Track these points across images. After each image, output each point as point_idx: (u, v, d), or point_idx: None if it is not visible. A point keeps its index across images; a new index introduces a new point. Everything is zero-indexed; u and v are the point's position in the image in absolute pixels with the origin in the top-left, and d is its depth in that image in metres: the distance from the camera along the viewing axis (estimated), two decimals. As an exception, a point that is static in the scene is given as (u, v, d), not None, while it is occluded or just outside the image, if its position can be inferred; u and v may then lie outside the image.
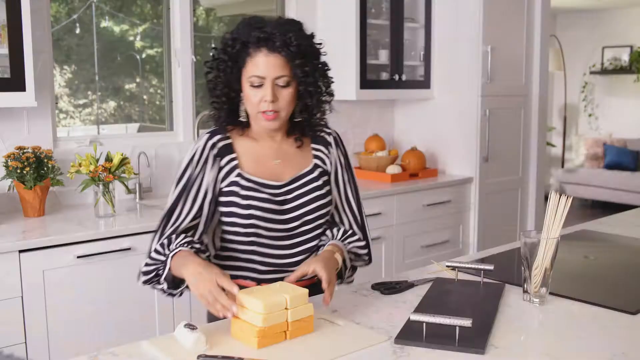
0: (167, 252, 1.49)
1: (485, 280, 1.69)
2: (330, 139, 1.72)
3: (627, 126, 7.84)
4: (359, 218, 1.72)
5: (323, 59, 1.62)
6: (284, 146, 1.67)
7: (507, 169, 3.99)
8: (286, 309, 1.29)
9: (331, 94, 1.65)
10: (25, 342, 2.29)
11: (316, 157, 1.69)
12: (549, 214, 1.51)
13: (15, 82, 2.47)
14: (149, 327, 2.52)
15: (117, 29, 3.39)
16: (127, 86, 3.55)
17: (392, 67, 3.74)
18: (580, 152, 7.90)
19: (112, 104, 3.48)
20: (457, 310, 1.47)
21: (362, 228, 1.71)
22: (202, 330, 1.28)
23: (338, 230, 1.67)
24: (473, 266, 1.68)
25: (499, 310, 1.49)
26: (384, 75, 3.78)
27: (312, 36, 1.59)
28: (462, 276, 1.74)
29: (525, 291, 1.55)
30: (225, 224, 1.59)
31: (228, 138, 1.63)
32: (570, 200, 1.51)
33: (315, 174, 1.65)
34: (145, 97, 3.63)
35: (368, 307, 1.52)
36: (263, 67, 1.51)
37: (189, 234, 1.56)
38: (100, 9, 3.25)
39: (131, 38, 3.47)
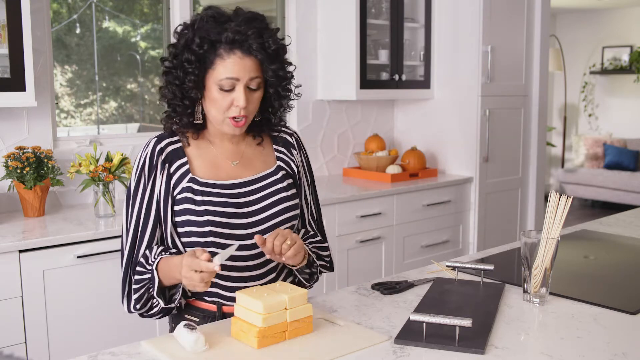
0: (148, 267, 1.42)
1: (485, 280, 1.69)
2: (292, 139, 1.62)
3: (627, 126, 7.84)
4: (319, 223, 1.64)
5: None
6: (242, 147, 1.55)
7: (507, 169, 3.99)
8: (285, 309, 1.29)
9: (297, 95, 1.55)
10: (25, 342, 2.29)
11: (279, 159, 1.58)
12: (549, 214, 1.51)
13: (15, 82, 2.46)
14: (148, 327, 2.52)
15: (117, 29, 3.39)
16: (127, 86, 3.55)
17: (392, 67, 3.74)
18: (580, 152, 7.90)
19: (112, 104, 3.49)
20: (457, 310, 1.47)
21: (323, 234, 1.64)
22: (202, 330, 1.28)
23: (298, 232, 1.58)
24: (473, 266, 1.68)
25: (499, 310, 1.49)
26: (384, 75, 3.78)
27: (278, 32, 1.48)
28: (462, 276, 1.74)
29: (525, 291, 1.55)
30: (182, 235, 1.47)
31: (178, 142, 1.50)
32: (570, 200, 1.51)
33: (279, 175, 1.54)
34: (146, 97, 3.63)
35: (368, 307, 1.52)
36: (237, 69, 1.39)
37: (160, 244, 1.47)
38: (100, 8, 3.25)
39: (133, 40, 3.47)
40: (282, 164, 1.57)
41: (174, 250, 1.47)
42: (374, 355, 1.25)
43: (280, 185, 1.53)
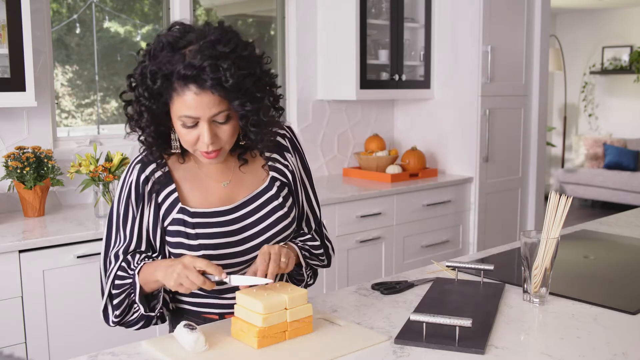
0: (130, 272, 1.35)
1: (485, 280, 1.69)
2: (285, 142, 1.49)
3: (627, 126, 7.84)
4: (320, 221, 1.58)
5: (266, 67, 1.33)
6: (232, 164, 1.44)
7: (507, 169, 3.99)
8: (285, 309, 1.29)
9: (280, 109, 1.39)
10: (25, 342, 2.29)
11: (272, 168, 1.46)
12: (549, 214, 1.51)
13: (15, 82, 2.47)
14: (148, 327, 2.51)
15: (118, 29, 3.38)
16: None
17: (392, 67, 3.74)
18: (580, 152, 7.90)
19: (113, 104, 3.49)
20: (457, 310, 1.47)
21: (320, 231, 1.58)
22: (202, 330, 1.28)
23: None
24: (473, 266, 1.68)
25: (499, 310, 1.49)
26: (384, 75, 3.78)
27: (250, 49, 1.30)
28: (462, 276, 1.74)
29: (525, 291, 1.55)
30: None
31: (164, 165, 1.39)
32: (570, 200, 1.51)
33: (274, 190, 1.44)
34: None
35: (368, 307, 1.52)
36: (195, 107, 1.24)
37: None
38: (100, 9, 3.25)
39: (133, 40, 3.47)
40: (275, 175, 1.46)
41: (155, 256, 1.42)
42: (374, 355, 1.25)
43: (276, 203, 1.44)
